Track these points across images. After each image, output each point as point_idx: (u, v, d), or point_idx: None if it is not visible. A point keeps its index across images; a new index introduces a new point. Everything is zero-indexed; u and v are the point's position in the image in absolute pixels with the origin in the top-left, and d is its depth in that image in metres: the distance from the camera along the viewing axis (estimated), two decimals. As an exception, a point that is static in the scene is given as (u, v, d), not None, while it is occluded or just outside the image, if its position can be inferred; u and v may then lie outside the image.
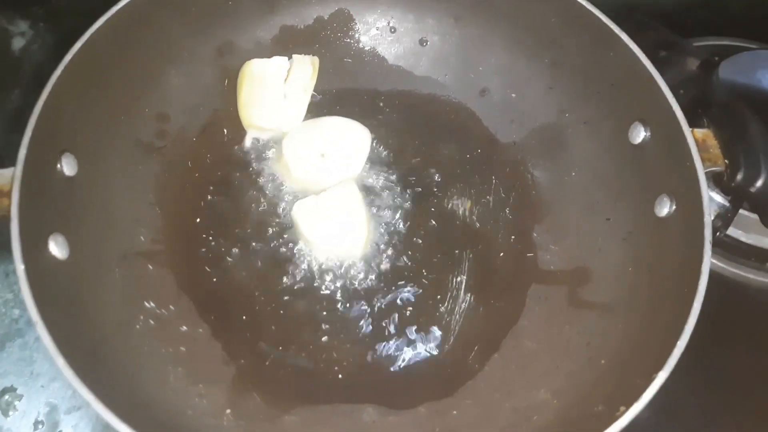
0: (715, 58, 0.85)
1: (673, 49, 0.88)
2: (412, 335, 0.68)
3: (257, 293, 0.69)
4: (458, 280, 0.71)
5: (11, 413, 0.69)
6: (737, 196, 0.67)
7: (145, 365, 0.62)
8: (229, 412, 0.62)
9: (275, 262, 0.71)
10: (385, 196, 0.75)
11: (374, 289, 0.70)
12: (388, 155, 0.77)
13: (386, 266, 0.71)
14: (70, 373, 0.50)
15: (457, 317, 0.69)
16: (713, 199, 0.68)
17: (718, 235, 0.69)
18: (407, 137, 0.79)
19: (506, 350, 0.68)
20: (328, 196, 0.72)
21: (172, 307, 0.67)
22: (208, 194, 0.74)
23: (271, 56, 0.77)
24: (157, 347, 0.64)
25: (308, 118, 0.78)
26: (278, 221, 0.73)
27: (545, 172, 0.77)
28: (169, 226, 0.71)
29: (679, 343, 0.54)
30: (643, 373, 0.55)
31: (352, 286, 0.70)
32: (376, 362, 0.67)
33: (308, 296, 0.69)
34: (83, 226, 0.64)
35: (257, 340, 0.67)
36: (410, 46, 0.83)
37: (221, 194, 0.74)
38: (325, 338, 0.67)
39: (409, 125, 0.80)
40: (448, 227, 0.74)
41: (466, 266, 0.72)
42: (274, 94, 0.76)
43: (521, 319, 0.69)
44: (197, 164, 0.75)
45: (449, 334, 0.69)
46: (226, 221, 0.73)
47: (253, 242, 0.72)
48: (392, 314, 0.69)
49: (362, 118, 0.78)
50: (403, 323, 0.69)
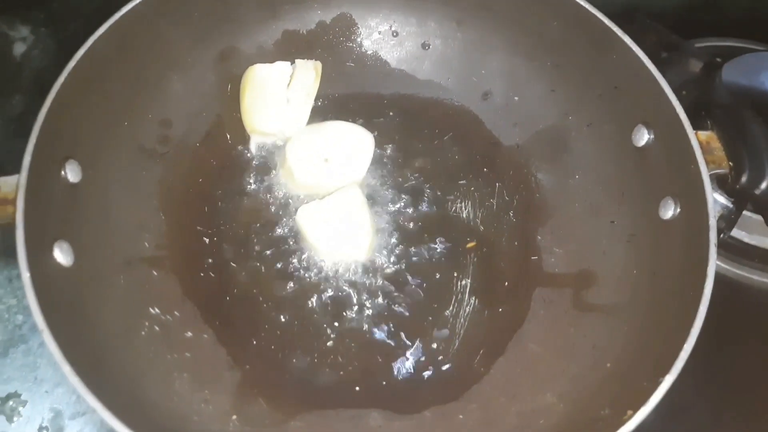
0: (717, 59, 0.85)
1: (675, 50, 0.88)
2: (416, 339, 0.68)
3: (262, 298, 0.69)
4: (463, 283, 0.71)
5: (16, 419, 0.69)
6: (741, 198, 0.67)
7: (150, 371, 0.62)
8: (234, 417, 0.62)
9: (280, 267, 0.71)
10: (388, 200, 0.75)
11: (378, 292, 0.70)
12: (391, 159, 0.78)
13: (390, 270, 0.71)
14: (75, 379, 0.51)
15: (462, 321, 0.69)
16: (717, 200, 0.68)
17: (722, 236, 0.69)
18: (410, 141, 0.79)
19: (511, 354, 0.68)
20: (332, 200, 0.72)
21: (176, 312, 0.67)
22: (211, 200, 0.74)
23: (273, 61, 0.77)
24: (162, 353, 0.64)
25: (311, 122, 0.78)
26: (282, 226, 0.73)
27: (549, 175, 0.77)
28: (173, 231, 0.71)
29: (685, 346, 0.54)
30: (649, 376, 0.55)
31: (356, 290, 0.70)
32: (381, 367, 0.67)
33: (313, 300, 0.69)
34: (88, 232, 0.64)
35: (262, 345, 0.67)
36: (413, 49, 0.83)
37: (225, 200, 0.74)
38: (330, 343, 0.67)
39: (412, 129, 0.80)
40: (452, 231, 0.74)
41: (470, 270, 0.72)
42: (277, 99, 0.76)
43: (526, 322, 0.69)
44: (201, 170, 0.75)
45: (454, 337, 0.69)
46: (230, 227, 0.73)
47: (257, 247, 0.72)
48: (397, 318, 0.69)
49: (365, 122, 0.78)
50: (407, 327, 0.69)
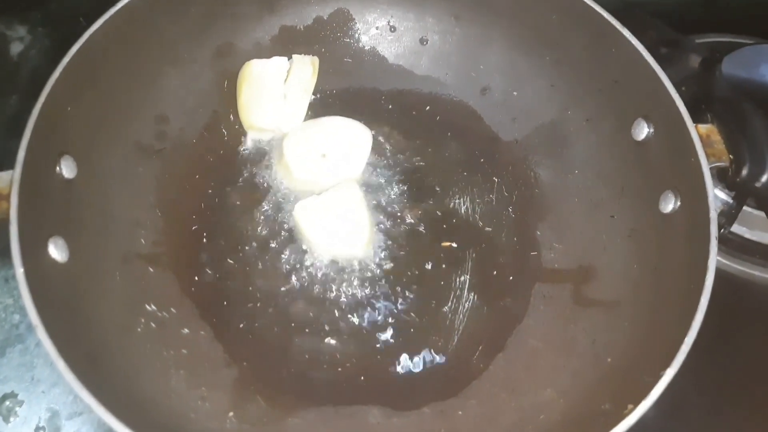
0: (716, 55, 0.85)
1: (674, 46, 0.87)
2: (415, 335, 0.68)
3: (259, 295, 0.69)
4: (461, 279, 0.71)
5: (12, 419, 0.69)
6: (742, 191, 0.67)
7: (146, 368, 0.61)
8: (231, 414, 0.62)
9: (277, 263, 0.70)
10: (386, 195, 0.75)
11: (376, 289, 0.70)
12: (389, 155, 0.77)
13: (389, 266, 0.71)
14: (70, 376, 0.50)
15: (461, 317, 0.69)
16: (717, 196, 0.68)
17: (722, 232, 0.68)
18: (408, 136, 0.79)
19: (511, 349, 0.67)
20: (329, 196, 0.72)
21: (173, 309, 0.66)
22: (208, 196, 0.73)
23: (270, 57, 0.77)
24: (158, 350, 0.63)
25: (308, 118, 0.77)
26: (280, 222, 0.72)
27: (548, 170, 0.77)
28: (169, 228, 0.70)
29: (686, 339, 0.54)
30: (650, 370, 0.54)
31: (354, 286, 0.70)
32: (379, 363, 0.66)
33: (310, 297, 0.69)
34: (83, 228, 0.63)
35: (259, 342, 0.66)
36: (410, 45, 0.82)
37: (222, 196, 0.74)
38: (327, 339, 0.67)
39: (410, 124, 0.79)
40: (450, 227, 0.74)
41: (469, 265, 0.72)
42: (274, 94, 0.76)
43: (526, 318, 0.69)
44: (197, 166, 0.75)
45: (453, 333, 0.68)
46: (227, 223, 0.72)
47: (254, 243, 0.71)
48: (395, 314, 0.69)
49: (363, 117, 0.77)
50: (406, 323, 0.68)
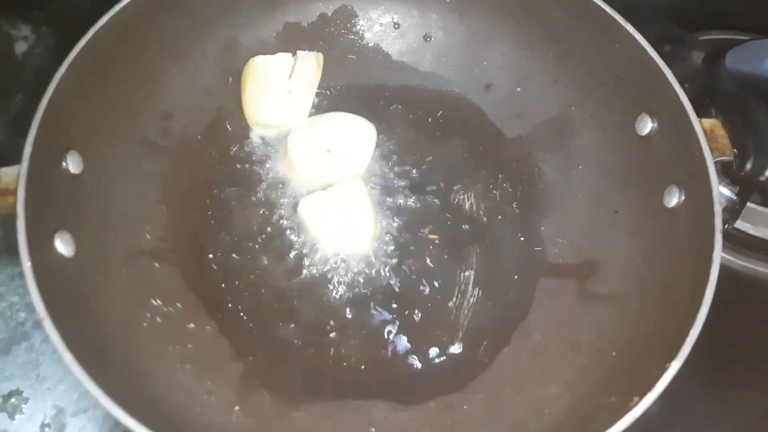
0: (720, 51, 0.85)
1: (678, 43, 0.88)
2: (420, 330, 0.68)
3: (264, 290, 0.69)
4: (466, 274, 0.71)
5: (17, 416, 0.69)
6: (746, 185, 0.67)
7: (152, 363, 0.61)
8: (237, 408, 0.62)
9: (282, 258, 0.70)
10: (391, 191, 0.75)
11: (381, 284, 0.70)
12: (393, 151, 0.77)
13: (393, 262, 0.71)
14: (77, 368, 0.50)
15: (466, 312, 0.69)
16: (721, 192, 0.68)
17: (726, 227, 0.69)
18: (412, 133, 0.79)
19: (516, 344, 0.67)
20: (334, 192, 0.72)
21: (179, 304, 0.66)
22: (213, 192, 0.74)
23: (275, 53, 0.77)
24: (164, 345, 0.63)
25: (313, 114, 0.78)
26: (284, 218, 0.72)
27: (552, 165, 0.77)
28: (175, 223, 0.71)
29: (691, 332, 0.54)
30: (655, 363, 0.54)
31: (359, 281, 0.70)
32: (384, 357, 0.67)
33: (316, 292, 0.69)
34: (89, 223, 0.63)
35: (265, 336, 0.67)
36: (414, 41, 0.82)
37: (226, 192, 0.74)
38: (333, 334, 0.67)
39: (414, 121, 0.79)
40: (455, 222, 0.74)
41: (473, 261, 0.72)
42: (278, 90, 0.76)
43: (530, 312, 0.69)
44: (202, 162, 0.75)
45: (458, 328, 0.68)
46: (232, 218, 0.72)
47: (259, 239, 0.71)
48: (400, 309, 0.69)
49: (367, 114, 0.77)
50: (411, 318, 0.68)
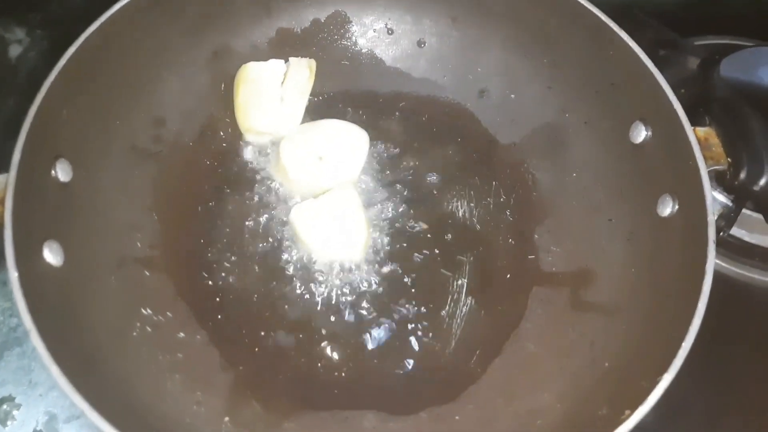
0: (715, 56, 0.85)
1: (672, 48, 0.87)
2: (412, 339, 0.67)
3: (255, 298, 0.69)
4: (459, 283, 0.71)
5: (9, 423, 0.68)
6: (740, 195, 0.67)
7: (141, 372, 0.61)
8: (227, 419, 0.61)
9: (273, 266, 0.70)
10: (384, 199, 0.74)
11: (374, 293, 0.69)
12: (386, 158, 0.77)
13: (386, 270, 0.71)
14: (63, 381, 0.50)
15: (458, 321, 0.69)
16: (716, 198, 0.68)
17: (721, 234, 0.68)
18: (406, 139, 0.78)
19: (508, 354, 0.67)
20: (326, 199, 0.71)
21: (169, 313, 0.66)
22: (205, 199, 0.73)
23: (267, 59, 0.77)
24: (154, 354, 0.63)
25: (306, 121, 0.77)
26: (276, 225, 0.72)
27: (546, 173, 0.76)
28: (166, 231, 0.70)
29: (684, 344, 0.54)
30: (647, 375, 0.54)
31: (351, 290, 0.69)
32: (376, 367, 0.66)
33: (307, 301, 0.69)
34: (78, 232, 0.63)
35: (255, 346, 0.66)
36: (408, 47, 0.82)
37: (218, 199, 0.73)
38: (324, 343, 0.67)
39: (407, 127, 0.79)
40: (448, 230, 0.74)
41: (466, 269, 0.71)
42: (271, 97, 0.76)
43: (523, 321, 0.69)
44: (194, 169, 0.74)
45: (451, 337, 0.68)
46: (223, 226, 0.72)
47: (250, 247, 0.71)
48: (392, 318, 0.68)
49: (360, 120, 0.77)
50: (403, 327, 0.68)
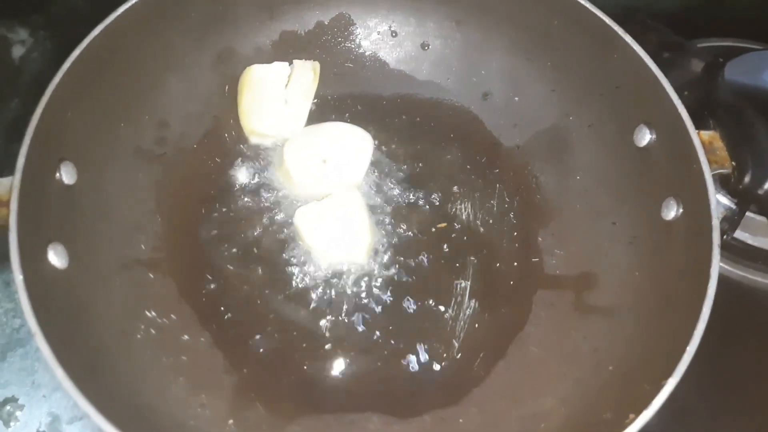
0: (719, 59, 0.85)
1: (676, 50, 0.87)
2: (416, 342, 0.67)
3: (259, 301, 0.68)
4: (462, 285, 0.71)
5: (13, 424, 0.69)
6: (745, 198, 0.67)
7: (145, 375, 0.61)
8: (231, 422, 0.61)
9: (277, 269, 0.70)
10: (387, 201, 0.74)
11: (377, 295, 0.69)
12: (390, 160, 0.77)
13: (389, 273, 0.71)
14: (68, 383, 0.50)
15: (462, 324, 0.69)
16: (720, 201, 0.68)
17: (725, 238, 0.68)
18: (409, 142, 0.78)
19: (512, 357, 0.67)
20: (330, 202, 0.71)
21: (173, 316, 0.66)
22: (209, 201, 0.73)
23: (271, 62, 0.77)
24: (158, 357, 0.63)
25: (309, 123, 0.77)
26: (280, 228, 0.72)
27: (550, 176, 0.76)
28: (170, 233, 0.70)
29: (688, 348, 0.54)
30: (651, 379, 0.54)
31: (355, 292, 0.69)
32: (380, 370, 0.66)
33: (311, 304, 0.69)
34: (83, 234, 0.63)
35: (259, 348, 0.66)
36: (412, 50, 0.82)
37: (222, 201, 0.73)
38: (328, 346, 0.67)
39: (411, 130, 0.79)
40: (451, 232, 0.74)
41: (470, 272, 0.71)
42: (274, 99, 0.76)
43: (527, 325, 0.69)
44: (198, 171, 0.75)
45: (454, 340, 0.68)
46: (227, 228, 0.72)
47: (254, 249, 0.71)
48: (396, 321, 0.68)
49: (364, 123, 0.77)
50: (406, 330, 0.68)
